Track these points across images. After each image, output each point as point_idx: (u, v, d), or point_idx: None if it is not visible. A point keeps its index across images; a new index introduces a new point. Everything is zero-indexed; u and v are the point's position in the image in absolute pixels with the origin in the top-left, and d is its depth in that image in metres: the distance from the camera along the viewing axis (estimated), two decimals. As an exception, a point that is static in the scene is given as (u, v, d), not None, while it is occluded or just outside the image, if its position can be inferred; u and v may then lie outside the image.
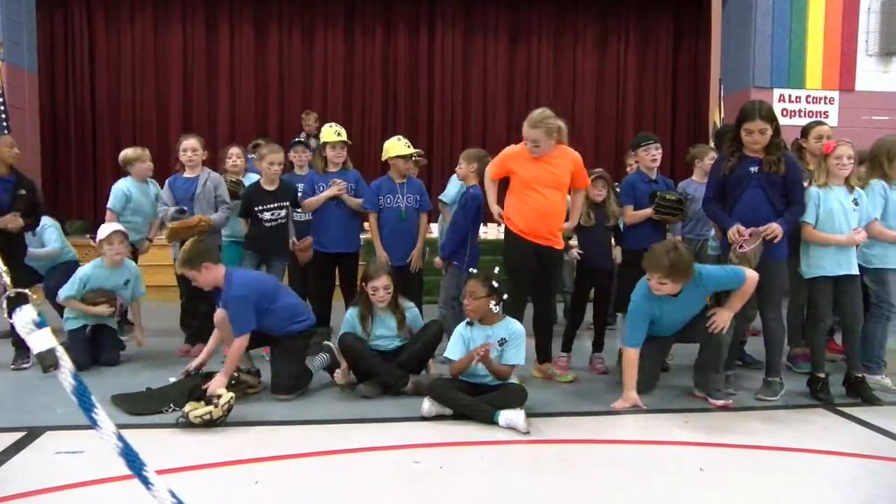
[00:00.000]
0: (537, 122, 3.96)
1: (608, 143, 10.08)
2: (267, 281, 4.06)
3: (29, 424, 3.30)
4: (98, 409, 1.27)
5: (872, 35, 8.53)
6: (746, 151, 3.83)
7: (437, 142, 9.75)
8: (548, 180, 4.01)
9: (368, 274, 3.96)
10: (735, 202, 3.85)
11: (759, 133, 3.76)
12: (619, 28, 10.17)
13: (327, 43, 9.72)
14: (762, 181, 3.80)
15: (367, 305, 3.98)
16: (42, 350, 1.24)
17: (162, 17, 9.40)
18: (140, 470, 1.27)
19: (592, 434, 3.35)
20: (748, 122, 3.78)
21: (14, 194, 4.36)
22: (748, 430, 3.42)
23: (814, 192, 3.95)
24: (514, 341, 3.58)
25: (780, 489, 2.71)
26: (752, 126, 3.76)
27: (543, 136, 3.95)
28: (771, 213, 3.80)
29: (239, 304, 3.72)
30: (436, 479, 2.77)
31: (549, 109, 4.05)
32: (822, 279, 3.94)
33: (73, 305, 4.52)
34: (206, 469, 2.82)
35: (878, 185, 4.14)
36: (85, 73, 9.29)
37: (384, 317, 4.01)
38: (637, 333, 3.77)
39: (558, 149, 4.07)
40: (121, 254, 4.55)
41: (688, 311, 3.83)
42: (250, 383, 3.87)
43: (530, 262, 4.03)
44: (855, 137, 4.26)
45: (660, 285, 3.66)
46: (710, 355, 3.82)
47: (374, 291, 3.92)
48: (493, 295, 3.55)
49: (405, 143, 4.84)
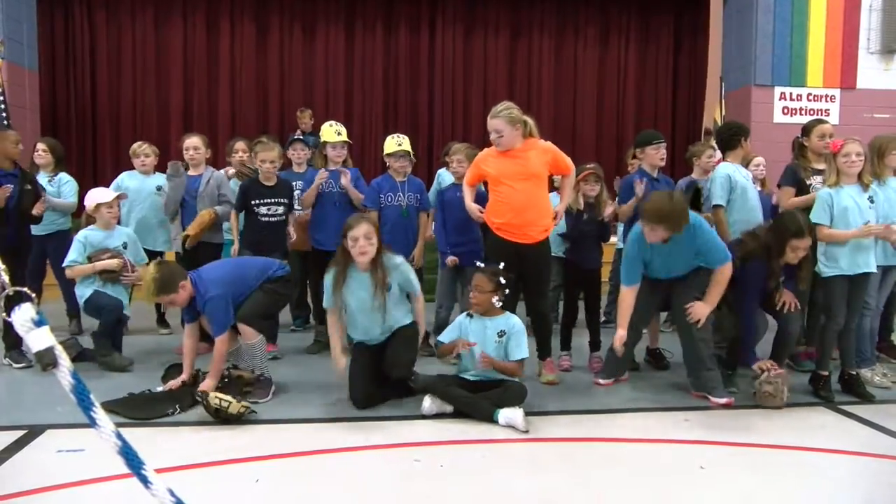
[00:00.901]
0: (497, 112, 3.96)
1: (609, 141, 10.09)
2: (232, 268, 3.98)
3: (30, 423, 3.30)
4: (97, 407, 1.27)
5: (874, 33, 8.52)
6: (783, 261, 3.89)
7: (438, 140, 9.73)
8: (517, 174, 3.96)
9: (349, 224, 3.62)
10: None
11: (803, 250, 3.82)
12: (620, 25, 10.17)
13: (328, 41, 9.71)
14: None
15: (345, 262, 3.64)
16: (41, 348, 1.24)
17: (163, 14, 9.40)
18: (139, 468, 1.27)
19: (592, 433, 3.35)
20: (800, 238, 3.78)
21: (21, 188, 4.41)
22: (748, 429, 3.41)
23: (825, 193, 3.96)
24: (514, 335, 3.58)
25: (780, 488, 2.71)
26: (800, 244, 3.79)
27: (505, 125, 3.92)
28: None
29: (217, 305, 3.68)
30: (436, 477, 2.77)
31: (512, 103, 4.04)
32: (838, 278, 3.94)
33: (80, 271, 4.45)
34: (207, 467, 2.83)
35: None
36: (85, 71, 9.30)
37: (363, 276, 3.64)
38: (632, 274, 3.91)
39: (528, 142, 4.02)
40: (116, 216, 4.64)
41: (678, 258, 3.85)
42: (246, 378, 3.85)
43: (512, 262, 3.89)
44: (856, 135, 4.25)
45: (652, 232, 3.73)
46: (691, 356, 3.90)
47: (353, 243, 3.56)
48: (498, 290, 3.57)
49: (396, 142, 4.85)
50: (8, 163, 4.43)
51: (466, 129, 9.85)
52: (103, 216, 4.57)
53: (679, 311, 3.94)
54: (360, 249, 3.55)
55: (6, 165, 4.42)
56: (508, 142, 3.96)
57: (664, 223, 3.70)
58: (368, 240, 3.55)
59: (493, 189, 4.09)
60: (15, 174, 4.44)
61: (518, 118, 3.96)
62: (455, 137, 9.65)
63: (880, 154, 4.16)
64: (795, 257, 3.82)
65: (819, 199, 3.97)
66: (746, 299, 3.92)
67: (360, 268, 3.64)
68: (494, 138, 3.98)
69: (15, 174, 4.44)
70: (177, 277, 3.72)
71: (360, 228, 3.57)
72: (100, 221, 4.58)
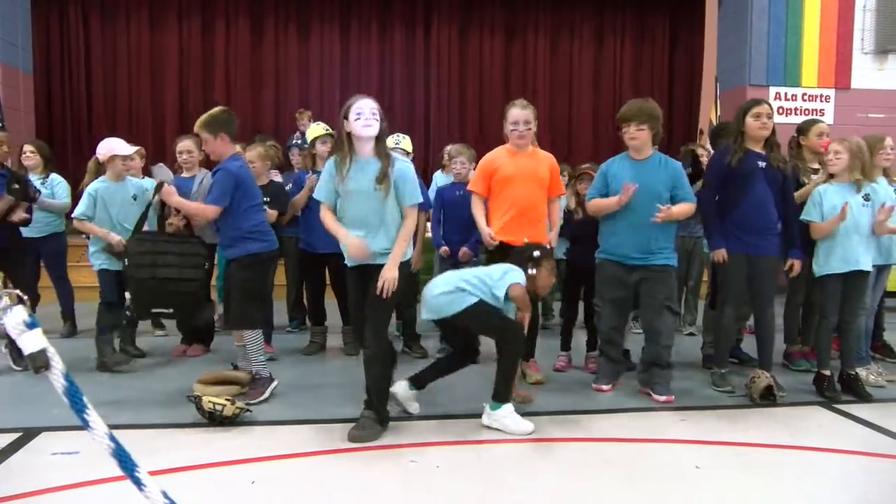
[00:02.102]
0: (525, 104, 3.99)
1: (605, 140, 10.07)
2: (257, 188, 3.97)
3: (25, 425, 3.29)
4: (90, 409, 1.26)
5: (868, 33, 8.55)
6: (750, 144, 3.87)
7: (434, 140, 9.73)
8: (531, 173, 3.97)
9: (350, 101, 3.25)
10: (742, 197, 3.86)
11: (766, 117, 3.83)
12: (616, 25, 10.20)
13: (323, 41, 9.71)
14: (769, 177, 3.83)
15: (349, 143, 3.24)
16: (33, 351, 1.24)
17: (157, 15, 9.39)
18: (132, 471, 1.26)
19: (587, 433, 3.35)
20: (757, 106, 3.85)
21: (9, 188, 4.41)
22: (744, 428, 3.42)
23: (815, 191, 4.01)
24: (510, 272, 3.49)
25: (776, 487, 2.71)
26: (761, 109, 3.83)
27: (533, 118, 3.97)
28: (775, 213, 3.89)
29: (226, 179, 3.69)
30: (432, 478, 2.77)
31: None
32: (832, 277, 3.96)
33: (88, 228, 4.35)
34: (202, 469, 2.82)
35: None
36: (80, 73, 9.27)
37: (365, 162, 3.25)
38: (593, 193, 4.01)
39: (535, 149, 4.09)
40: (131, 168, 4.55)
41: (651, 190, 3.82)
42: (242, 381, 3.84)
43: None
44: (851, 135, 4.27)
45: (638, 132, 3.81)
46: (650, 355, 3.92)
47: (357, 116, 3.17)
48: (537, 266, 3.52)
49: (394, 140, 4.87)
50: None
51: (462, 128, 9.86)
52: (117, 167, 4.39)
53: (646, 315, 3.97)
54: (365, 121, 3.16)
55: None
56: (532, 135, 4.00)
57: (648, 122, 3.80)
58: (374, 114, 3.18)
59: (499, 192, 4.01)
60: (3, 174, 4.45)
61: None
62: (451, 137, 9.65)
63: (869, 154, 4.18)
64: (762, 125, 3.83)
65: (810, 198, 4.02)
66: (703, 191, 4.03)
67: (363, 153, 3.25)
68: (522, 130, 3.93)
69: (3, 174, 4.45)
70: (224, 127, 3.76)
71: (364, 101, 3.20)
72: (111, 172, 4.40)
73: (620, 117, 3.92)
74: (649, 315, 3.95)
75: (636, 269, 3.89)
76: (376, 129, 3.19)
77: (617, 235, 3.91)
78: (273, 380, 3.85)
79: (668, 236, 3.92)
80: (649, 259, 3.86)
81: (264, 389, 3.78)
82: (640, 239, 3.83)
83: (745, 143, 3.87)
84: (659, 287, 3.87)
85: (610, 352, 4.06)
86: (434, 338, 4.85)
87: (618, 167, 3.96)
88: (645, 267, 3.87)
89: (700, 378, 4.29)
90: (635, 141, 3.87)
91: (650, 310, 3.92)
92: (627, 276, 3.91)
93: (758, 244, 3.86)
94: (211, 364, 4.52)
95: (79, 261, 6.62)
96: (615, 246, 3.92)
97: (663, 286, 3.89)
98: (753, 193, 3.84)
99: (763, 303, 3.96)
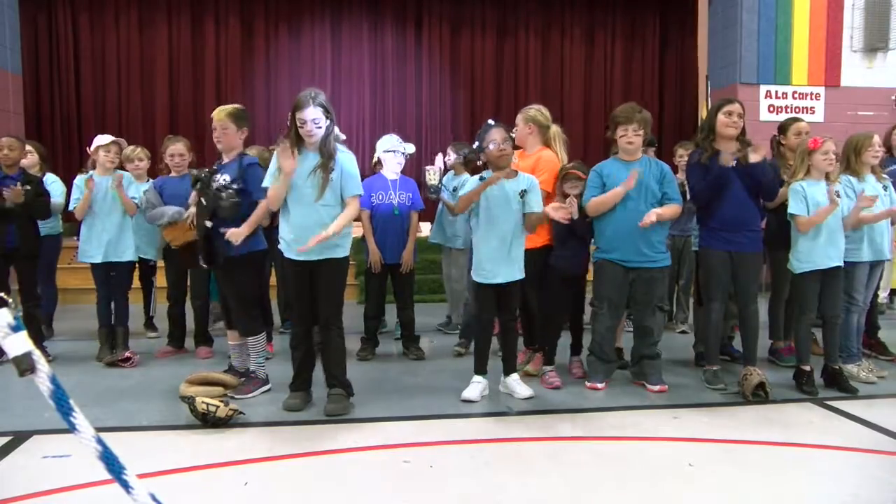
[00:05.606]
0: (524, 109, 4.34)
1: (596, 139, 10.06)
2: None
3: (15, 429, 3.27)
4: (77, 412, 1.25)
5: (857, 31, 8.59)
6: (720, 143, 3.93)
7: (426, 139, 9.72)
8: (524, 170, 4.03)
9: (299, 103, 3.40)
10: (718, 196, 3.91)
11: (738, 116, 3.90)
12: (606, 24, 10.19)
13: (314, 41, 9.67)
14: (741, 174, 3.88)
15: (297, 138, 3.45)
16: (18, 354, 1.22)
17: (147, 16, 9.32)
18: (119, 473, 1.26)
19: (581, 431, 3.35)
20: (729, 104, 3.94)
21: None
22: (737, 426, 3.43)
23: (797, 185, 3.99)
24: (532, 190, 3.77)
25: (768, 484, 2.72)
26: (732, 108, 3.92)
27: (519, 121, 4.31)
28: (755, 209, 3.99)
29: (257, 170, 3.79)
30: (426, 478, 2.76)
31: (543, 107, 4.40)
32: (810, 273, 3.98)
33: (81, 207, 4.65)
34: (194, 471, 2.80)
35: (845, 179, 4.20)
36: (70, 74, 9.19)
37: (310, 154, 3.46)
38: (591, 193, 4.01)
39: (542, 149, 4.24)
40: (111, 161, 4.76)
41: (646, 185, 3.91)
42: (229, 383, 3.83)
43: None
44: (841, 133, 4.31)
45: (635, 136, 3.93)
46: (640, 350, 4.07)
47: (301, 124, 3.40)
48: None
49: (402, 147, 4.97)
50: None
51: (455, 127, 9.85)
52: (101, 159, 4.72)
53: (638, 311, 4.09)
54: (307, 131, 3.40)
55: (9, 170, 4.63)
56: (519, 139, 4.16)
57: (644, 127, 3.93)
58: (316, 124, 3.39)
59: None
60: (17, 177, 4.59)
61: (531, 118, 4.20)
62: (443, 136, 9.66)
63: (857, 152, 4.22)
64: (733, 123, 3.89)
65: (792, 192, 3.99)
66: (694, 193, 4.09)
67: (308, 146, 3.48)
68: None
69: (17, 177, 4.59)
70: (247, 123, 3.99)
71: (307, 111, 3.37)
72: (99, 167, 4.74)
73: (621, 118, 3.96)
74: (642, 314, 4.08)
75: (634, 269, 3.98)
76: (318, 136, 3.42)
77: (615, 235, 3.96)
78: (267, 383, 3.88)
79: (662, 236, 4.02)
80: (647, 261, 3.95)
81: (254, 389, 3.80)
82: (637, 237, 3.89)
83: (716, 142, 3.94)
84: (654, 288, 4.00)
85: (604, 351, 4.08)
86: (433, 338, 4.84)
87: (611, 168, 4.03)
88: (643, 268, 3.96)
89: (692, 376, 4.30)
90: (632, 144, 3.96)
91: (644, 309, 4.05)
92: (625, 276, 4.00)
93: (739, 241, 3.92)
94: (211, 364, 4.54)
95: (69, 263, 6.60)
96: (615, 246, 3.97)
97: (659, 287, 4.05)
98: (728, 192, 3.89)
99: (746, 299, 4.02)
